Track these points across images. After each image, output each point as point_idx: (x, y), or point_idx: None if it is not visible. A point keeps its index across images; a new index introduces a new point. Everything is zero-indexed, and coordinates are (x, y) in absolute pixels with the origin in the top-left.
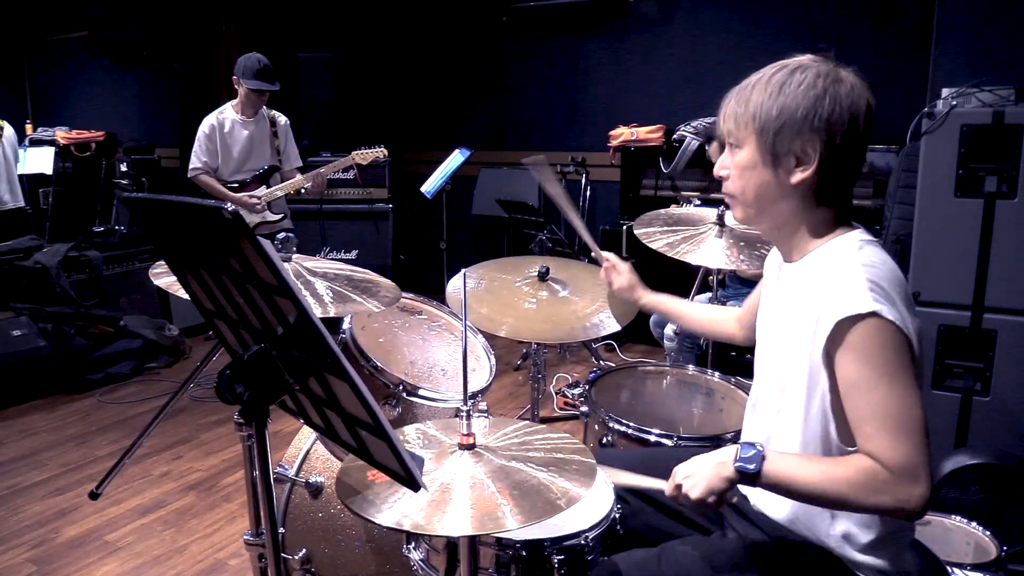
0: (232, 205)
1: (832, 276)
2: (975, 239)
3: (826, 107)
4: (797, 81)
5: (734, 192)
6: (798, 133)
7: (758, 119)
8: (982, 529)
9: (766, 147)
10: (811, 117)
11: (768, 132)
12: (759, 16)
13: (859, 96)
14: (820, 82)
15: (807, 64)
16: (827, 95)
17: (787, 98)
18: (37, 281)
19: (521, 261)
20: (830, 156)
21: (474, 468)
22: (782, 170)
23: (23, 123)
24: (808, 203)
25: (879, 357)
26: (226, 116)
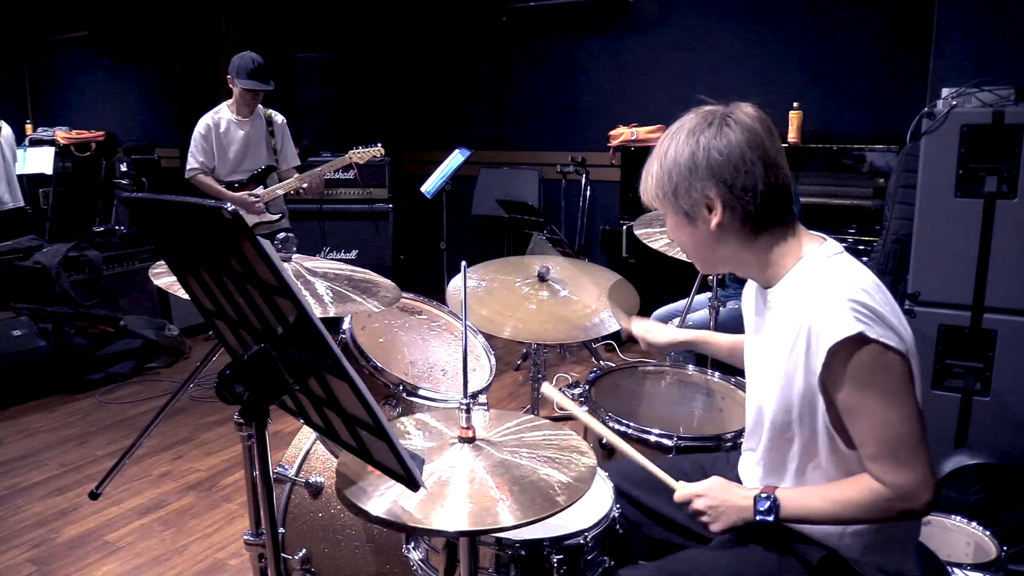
0: (232, 205)
1: (813, 298)
2: (975, 239)
3: (702, 156)
4: (677, 141)
5: (683, 251)
6: (690, 188)
7: (658, 187)
8: (982, 529)
9: (676, 208)
10: (694, 170)
11: (669, 195)
12: (759, 16)
13: (736, 134)
14: (694, 136)
15: (686, 120)
16: (699, 145)
17: (670, 160)
18: (37, 281)
19: (521, 261)
20: (732, 195)
21: (474, 462)
22: (700, 221)
23: (23, 123)
24: (746, 235)
25: (868, 379)
26: (222, 116)
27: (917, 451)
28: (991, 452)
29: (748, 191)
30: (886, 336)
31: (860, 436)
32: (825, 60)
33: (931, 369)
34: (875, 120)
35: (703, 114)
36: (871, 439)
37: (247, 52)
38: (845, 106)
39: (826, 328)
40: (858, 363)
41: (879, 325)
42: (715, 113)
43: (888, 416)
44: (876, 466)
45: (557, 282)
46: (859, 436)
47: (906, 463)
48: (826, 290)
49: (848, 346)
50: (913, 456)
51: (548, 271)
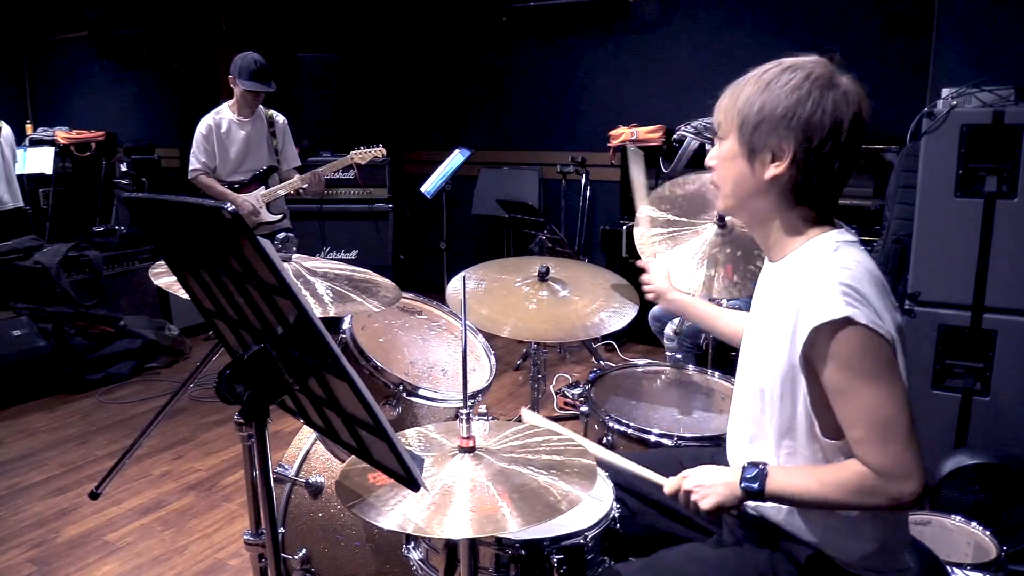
0: (232, 205)
1: (807, 279)
2: (975, 239)
3: (807, 109)
4: (785, 80)
5: (717, 182)
6: (774, 130)
7: (741, 113)
8: (982, 529)
9: (744, 140)
10: (789, 116)
11: (748, 126)
12: (759, 16)
13: (848, 103)
14: (807, 84)
15: (801, 64)
16: (811, 98)
17: (771, 95)
18: (37, 281)
19: (521, 261)
20: (807, 157)
21: (474, 471)
22: (757, 164)
23: (23, 123)
24: (785, 201)
25: (857, 363)
26: (223, 116)
27: (905, 436)
28: (991, 452)
29: (823, 162)
30: (875, 322)
31: (848, 419)
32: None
33: (931, 369)
34: (875, 120)
35: (820, 64)
36: (859, 421)
37: (249, 52)
38: None
39: (813, 308)
40: (846, 346)
41: (869, 310)
42: (832, 70)
43: (876, 399)
44: (863, 448)
45: (557, 282)
46: (847, 419)
47: (893, 447)
48: (819, 272)
49: (835, 328)
50: (901, 440)
51: (548, 271)
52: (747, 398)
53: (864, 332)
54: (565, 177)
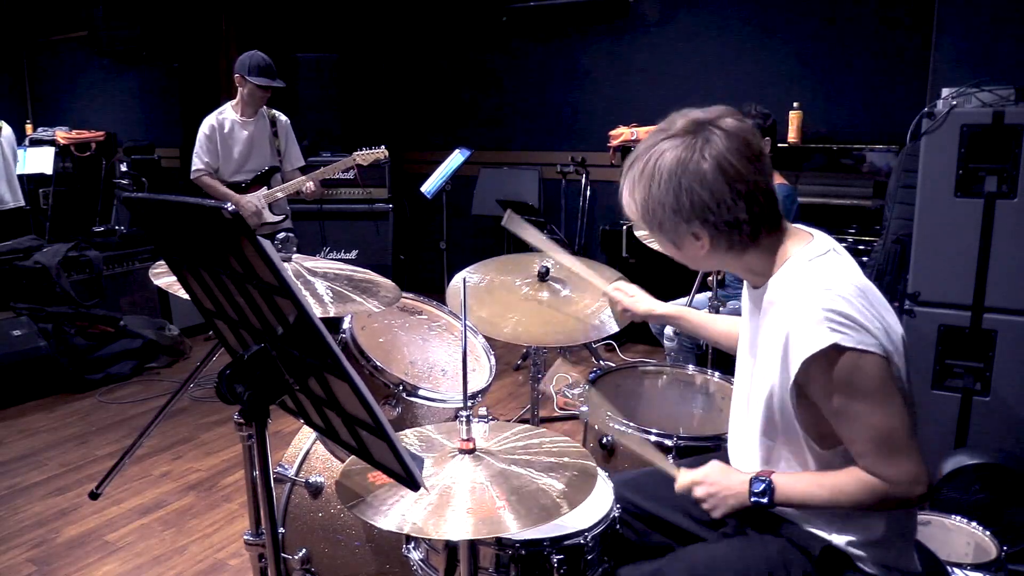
0: (232, 205)
1: (790, 308)
2: (975, 239)
3: (685, 199)
4: (655, 181)
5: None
6: (676, 225)
7: (645, 218)
8: (982, 529)
9: (664, 238)
10: (678, 211)
11: (654, 227)
12: (759, 16)
13: (714, 162)
14: (675, 177)
15: (663, 151)
16: (682, 188)
17: (655, 200)
18: (37, 281)
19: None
20: (718, 225)
21: (474, 472)
22: (689, 248)
23: (23, 123)
24: (737, 249)
25: (849, 385)
26: (226, 116)
27: (906, 446)
28: (991, 452)
29: (733, 224)
30: (862, 342)
31: (849, 437)
32: (825, 60)
33: (931, 369)
34: (875, 120)
35: (681, 138)
36: (859, 439)
37: (255, 51)
38: (845, 106)
39: (801, 339)
40: (838, 372)
41: (854, 331)
42: (692, 138)
43: (873, 418)
44: (866, 462)
45: (557, 282)
46: (848, 437)
47: (895, 458)
48: (802, 299)
49: (824, 357)
50: (902, 451)
51: (548, 271)
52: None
53: (852, 355)
54: (565, 177)
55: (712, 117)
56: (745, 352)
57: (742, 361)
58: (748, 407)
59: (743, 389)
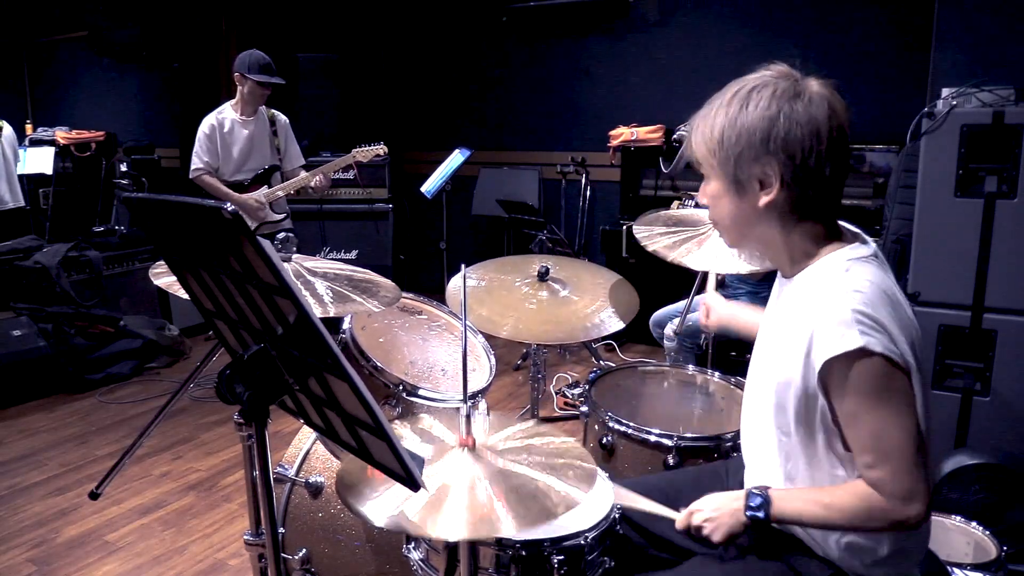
0: (232, 205)
1: (820, 303)
2: (975, 239)
3: (781, 128)
4: (753, 103)
5: (714, 219)
6: (756, 158)
7: (719, 148)
8: (982, 529)
9: (729, 175)
10: (767, 140)
11: (729, 161)
12: (759, 16)
13: (818, 109)
14: (775, 102)
15: (764, 82)
16: (781, 115)
17: (743, 123)
18: (37, 281)
19: (521, 260)
20: (795, 174)
21: (473, 469)
22: (749, 194)
23: (23, 123)
24: (788, 220)
25: (870, 390)
26: (225, 116)
27: (912, 461)
28: (991, 452)
29: (813, 174)
30: (890, 350)
31: (858, 443)
32: (825, 60)
33: (931, 369)
34: (875, 120)
35: (783, 76)
36: (868, 448)
37: (254, 50)
38: None
39: (827, 338)
40: (861, 375)
41: (882, 336)
42: (795, 79)
43: (887, 427)
44: (872, 473)
45: (557, 282)
46: (857, 443)
47: (902, 473)
48: (835, 297)
49: (850, 358)
50: (907, 466)
51: (548, 271)
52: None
53: (878, 361)
54: (565, 177)
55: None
56: (764, 343)
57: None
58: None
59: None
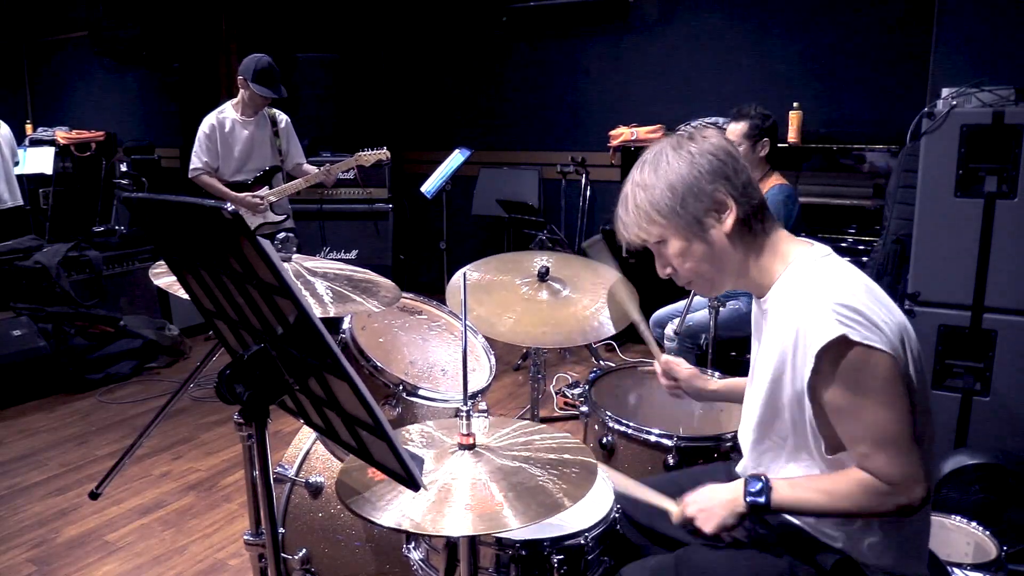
0: (232, 205)
1: (799, 306)
2: (975, 239)
3: (700, 161)
4: (664, 161)
5: (691, 278)
6: (699, 194)
7: (659, 207)
8: (982, 529)
9: (684, 224)
10: (699, 178)
11: (674, 210)
12: (758, 16)
13: (713, 138)
14: (681, 149)
15: (657, 149)
16: (693, 154)
17: (667, 181)
18: (37, 281)
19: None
20: (739, 191)
21: (474, 468)
22: (711, 229)
23: (23, 123)
24: (749, 241)
25: (855, 381)
26: (226, 116)
27: (908, 446)
28: (991, 452)
29: (748, 185)
30: (870, 338)
31: (849, 435)
32: (825, 60)
33: (931, 369)
34: (875, 120)
35: (670, 138)
36: (861, 438)
37: (262, 55)
38: (845, 106)
39: (812, 333)
40: (845, 365)
41: (863, 327)
42: (681, 134)
43: (877, 416)
44: (868, 462)
45: (557, 282)
46: (848, 435)
47: (897, 459)
48: (811, 294)
49: (832, 349)
50: (904, 451)
51: (548, 271)
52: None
53: (860, 350)
54: (565, 177)
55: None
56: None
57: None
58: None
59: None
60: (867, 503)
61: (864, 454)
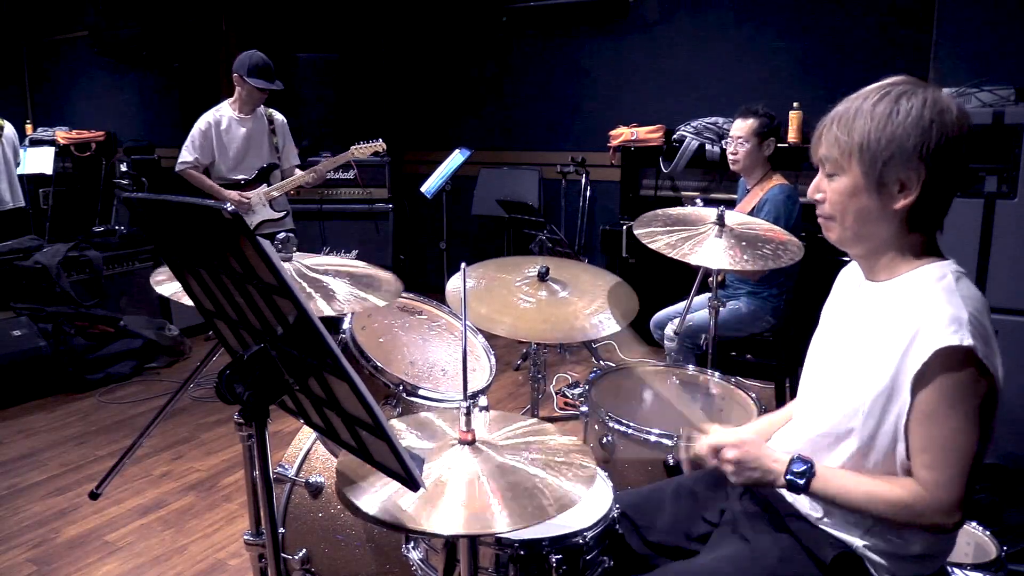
0: (231, 205)
1: (932, 303)
2: (975, 239)
3: (934, 138)
4: (904, 111)
5: (832, 215)
6: (906, 162)
7: (866, 149)
8: (982, 529)
9: (873, 176)
10: (920, 147)
11: (877, 162)
12: (759, 16)
13: (963, 124)
14: (927, 112)
15: (909, 90)
16: (934, 126)
17: (896, 128)
18: (37, 281)
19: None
20: (935, 183)
21: (472, 464)
22: (885, 196)
23: (23, 123)
24: (902, 227)
25: (960, 393)
26: (223, 114)
27: (967, 472)
28: (991, 452)
29: (947, 187)
30: (988, 359)
31: (923, 442)
32: (825, 60)
33: None
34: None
35: (930, 88)
36: (934, 448)
37: (255, 51)
38: None
39: (940, 332)
40: (957, 376)
41: (987, 348)
42: (939, 91)
43: (959, 434)
44: (927, 473)
45: (557, 282)
46: (922, 441)
47: (955, 480)
48: (948, 300)
49: (953, 355)
50: (963, 476)
51: (548, 271)
52: (826, 414)
53: (980, 367)
54: (565, 177)
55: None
56: (836, 345)
57: (827, 362)
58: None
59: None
60: (906, 512)
61: (926, 463)
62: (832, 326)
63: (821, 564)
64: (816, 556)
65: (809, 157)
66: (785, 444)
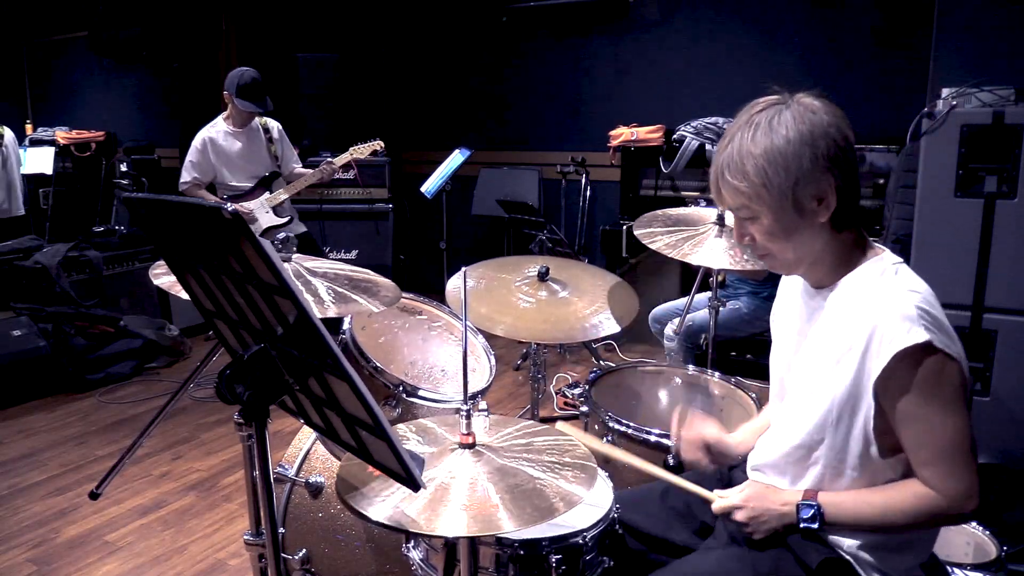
0: (232, 205)
1: (879, 304)
2: (975, 239)
3: (822, 144)
4: (783, 135)
5: (768, 252)
6: (813, 179)
7: (770, 187)
8: (982, 529)
9: (788, 205)
10: (816, 159)
11: (786, 192)
12: (758, 16)
13: (833, 112)
14: (803, 125)
15: (774, 111)
16: (815, 133)
17: (786, 154)
18: (37, 281)
19: (520, 260)
20: (844, 183)
21: (473, 468)
22: (808, 215)
23: (23, 123)
24: (830, 232)
25: (932, 387)
26: (219, 129)
27: (968, 458)
28: (991, 452)
29: (853, 182)
30: (950, 346)
31: (914, 442)
32: (825, 60)
33: None
34: (875, 120)
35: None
36: (927, 445)
37: (246, 69)
38: (845, 106)
39: (894, 333)
40: (924, 372)
41: (943, 335)
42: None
43: (946, 425)
44: (929, 471)
45: (557, 282)
46: (913, 442)
47: (959, 470)
48: (894, 296)
49: (915, 354)
50: (965, 464)
51: (547, 271)
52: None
53: (941, 358)
54: (565, 177)
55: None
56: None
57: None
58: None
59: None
60: (923, 515)
61: (926, 462)
62: (786, 337)
63: (807, 569)
64: (803, 561)
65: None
66: (764, 458)
